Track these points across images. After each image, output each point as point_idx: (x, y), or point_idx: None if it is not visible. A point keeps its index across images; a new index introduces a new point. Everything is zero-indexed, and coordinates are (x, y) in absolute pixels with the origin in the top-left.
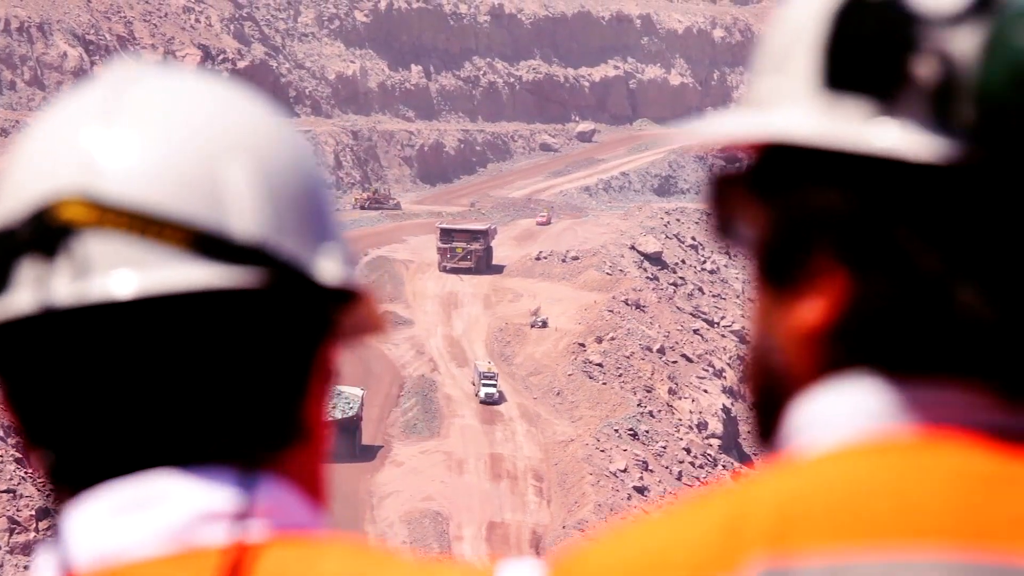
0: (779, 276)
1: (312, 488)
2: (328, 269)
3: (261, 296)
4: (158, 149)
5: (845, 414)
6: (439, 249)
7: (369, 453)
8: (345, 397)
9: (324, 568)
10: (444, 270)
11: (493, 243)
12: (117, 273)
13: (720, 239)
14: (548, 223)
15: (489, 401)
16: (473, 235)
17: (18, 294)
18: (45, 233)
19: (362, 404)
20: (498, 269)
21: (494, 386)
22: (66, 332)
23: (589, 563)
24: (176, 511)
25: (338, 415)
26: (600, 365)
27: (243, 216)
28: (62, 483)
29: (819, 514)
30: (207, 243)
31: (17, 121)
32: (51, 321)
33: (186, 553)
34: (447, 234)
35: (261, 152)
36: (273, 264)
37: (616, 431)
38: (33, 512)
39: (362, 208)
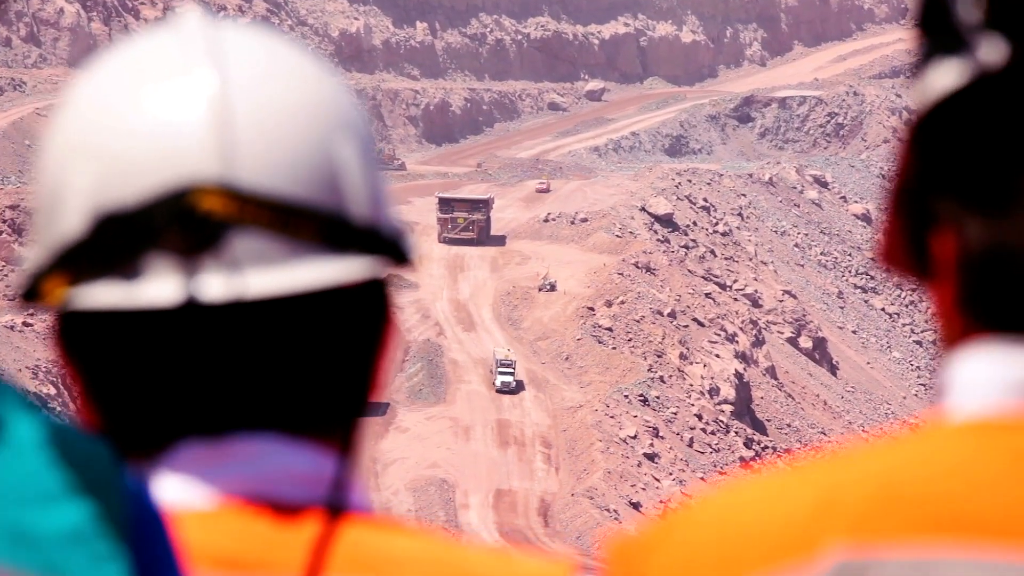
0: (917, 222)
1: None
2: (412, 241)
3: (375, 280)
4: (283, 131)
5: (978, 382)
6: (439, 219)
7: (377, 409)
8: None
9: (397, 549)
10: (444, 241)
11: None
12: (263, 270)
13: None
14: (547, 191)
15: (505, 390)
16: (474, 205)
17: (156, 284)
18: (185, 223)
19: None
20: (500, 240)
21: (511, 374)
22: (187, 320)
23: (688, 523)
24: (270, 468)
25: None
26: (610, 329)
27: (359, 200)
28: (141, 450)
29: (913, 501)
30: (332, 232)
31: (13, 79)
32: (177, 311)
33: (277, 507)
34: (447, 204)
35: (359, 127)
36: (384, 247)
37: (626, 397)
38: None
39: None
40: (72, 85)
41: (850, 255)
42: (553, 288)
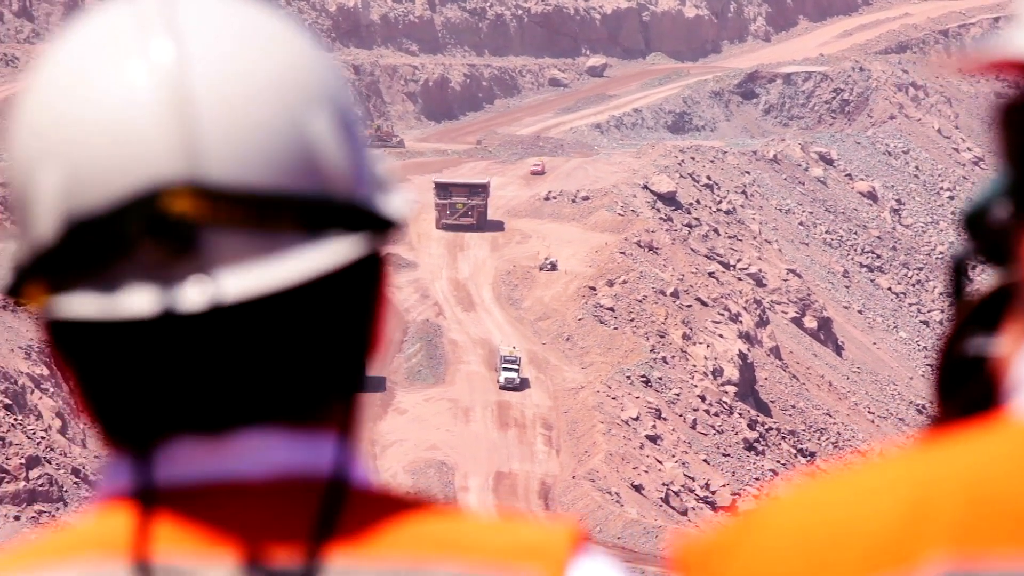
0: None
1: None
2: (398, 206)
3: (363, 258)
4: (250, 114)
5: None
6: (437, 205)
7: (376, 384)
8: None
9: (400, 524)
10: (443, 227)
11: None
12: (241, 272)
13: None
14: (542, 172)
15: (509, 387)
16: (473, 189)
17: (132, 296)
18: (157, 229)
19: None
20: (498, 225)
21: (516, 371)
22: (170, 326)
23: (761, 527)
24: (266, 458)
25: None
26: (611, 309)
27: (338, 176)
28: (133, 440)
29: (1011, 508)
30: (314, 217)
31: (5, 54)
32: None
33: (287, 482)
34: (444, 189)
35: (334, 95)
36: (366, 222)
37: (628, 378)
38: (23, 461)
39: None
40: (33, 68)
41: (856, 233)
42: (554, 267)
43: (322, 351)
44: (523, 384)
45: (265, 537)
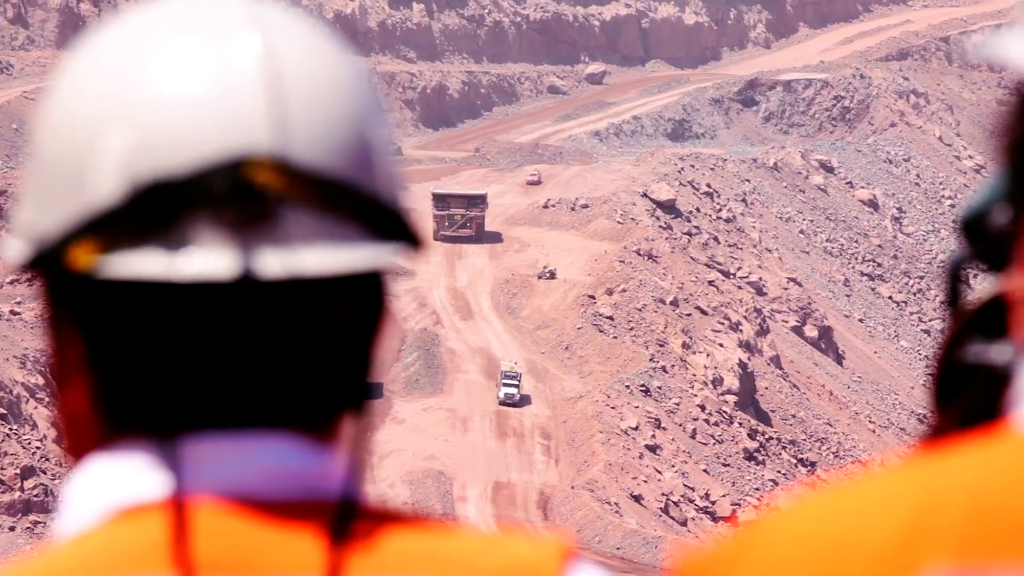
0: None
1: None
2: (417, 219)
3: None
4: (330, 106)
5: None
6: (435, 216)
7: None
8: None
9: (400, 547)
10: (441, 239)
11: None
12: (316, 249)
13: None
14: (539, 182)
15: (509, 403)
16: (471, 200)
17: (207, 256)
18: (241, 194)
19: None
20: (496, 237)
21: (516, 387)
22: (234, 295)
23: (763, 539)
24: (292, 461)
25: None
26: (611, 318)
27: (387, 182)
28: (143, 427)
29: (1013, 520)
30: (369, 214)
31: (0, 61)
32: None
33: (302, 495)
34: (442, 200)
35: (383, 109)
36: (403, 231)
37: (627, 387)
38: (18, 471)
39: None
40: (86, 45)
41: (856, 242)
42: (553, 276)
43: (343, 358)
44: (523, 400)
45: (286, 553)
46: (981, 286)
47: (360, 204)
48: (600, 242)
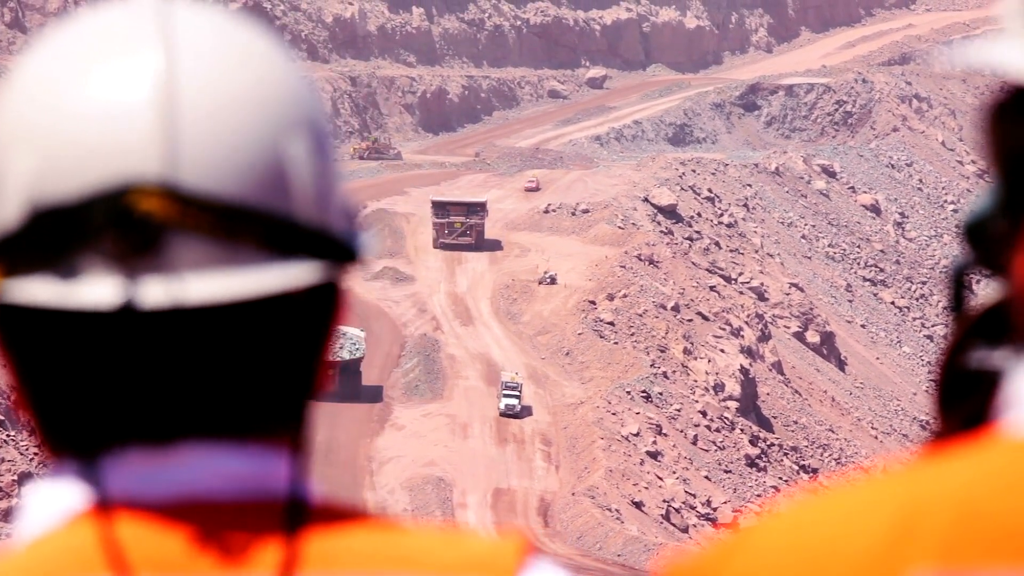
0: (1010, 221)
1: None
2: (368, 243)
3: (322, 285)
4: (232, 127)
5: None
6: (434, 224)
7: (373, 394)
8: (350, 338)
9: (354, 545)
10: (441, 247)
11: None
12: (203, 276)
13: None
14: (537, 189)
15: (509, 413)
16: (471, 208)
17: (93, 286)
18: (122, 224)
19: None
20: (496, 245)
21: (517, 398)
22: (124, 324)
23: (749, 545)
24: (213, 472)
25: (346, 355)
26: (611, 324)
27: (307, 201)
28: (71, 447)
29: (997, 525)
30: (279, 237)
31: None
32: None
33: (244, 498)
34: (442, 207)
35: (313, 122)
36: (332, 250)
37: (628, 393)
38: (15, 477)
39: (361, 158)
40: (18, 62)
41: (859, 247)
42: (553, 281)
43: (271, 370)
44: (524, 412)
45: (233, 555)
46: (985, 292)
47: (268, 227)
48: (601, 247)
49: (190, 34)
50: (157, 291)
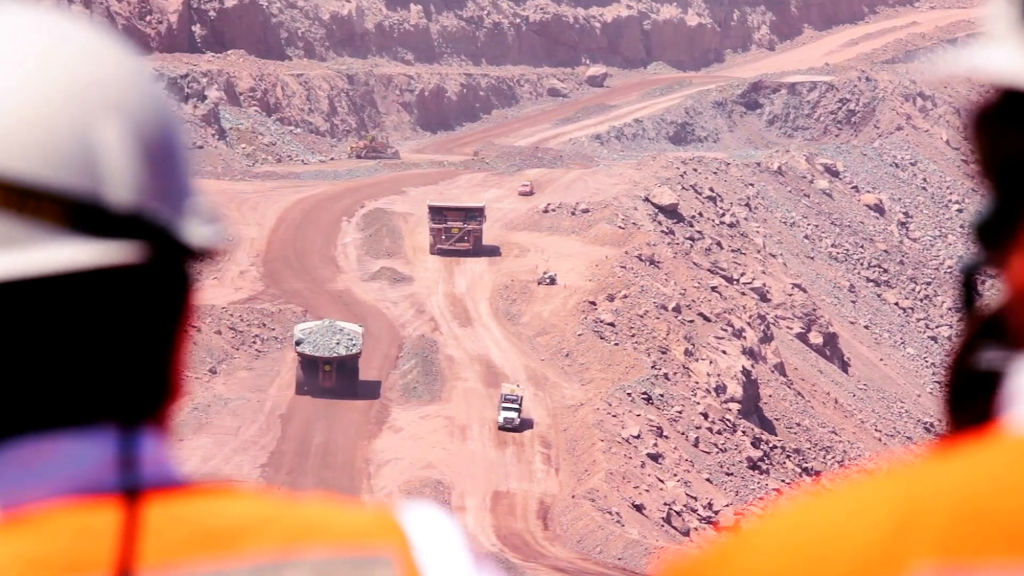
0: (1003, 224)
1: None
2: (198, 232)
3: (139, 267)
4: (29, 108)
5: None
6: (431, 230)
7: (371, 390)
8: (348, 334)
9: (224, 513)
10: (438, 252)
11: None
12: None
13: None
14: (531, 193)
15: (508, 427)
16: (468, 213)
17: None
18: None
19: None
20: (494, 250)
21: (516, 411)
22: None
23: (749, 545)
24: (65, 464)
25: (343, 352)
26: (612, 325)
27: (119, 184)
28: None
29: (997, 521)
30: (83, 216)
31: None
32: None
33: (81, 500)
34: (439, 213)
35: (133, 108)
36: (149, 234)
37: (629, 395)
38: None
39: (358, 157)
40: None
41: (862, 247)
42: (553, 281)
43: (100, 354)
44: (523, 425)
45: (76, 552)
46: (993, 292)
47: (69, 207)
48: (601, 247)
49: (17, 21)
50: None
